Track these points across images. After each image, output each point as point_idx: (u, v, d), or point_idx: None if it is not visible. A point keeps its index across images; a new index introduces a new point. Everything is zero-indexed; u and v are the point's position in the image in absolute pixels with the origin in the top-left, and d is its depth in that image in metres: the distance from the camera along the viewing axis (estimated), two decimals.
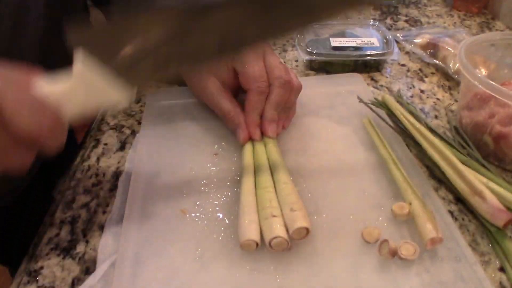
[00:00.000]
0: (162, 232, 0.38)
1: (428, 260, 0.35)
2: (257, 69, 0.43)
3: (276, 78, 0.44)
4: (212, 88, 0.46)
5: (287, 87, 0.45)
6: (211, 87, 0.47)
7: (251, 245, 0.34)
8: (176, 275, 0.34)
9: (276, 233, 0.33)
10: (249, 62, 0.43)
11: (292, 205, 0.36)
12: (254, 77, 0.43)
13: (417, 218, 0.36)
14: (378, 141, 0.46)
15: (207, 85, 0.47)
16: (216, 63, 0.43)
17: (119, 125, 0.53)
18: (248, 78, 0.44)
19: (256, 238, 0.34)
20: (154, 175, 0.44)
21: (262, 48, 0.44)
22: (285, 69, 0.45)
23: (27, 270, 0.36)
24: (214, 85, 0.46)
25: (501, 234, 0.37)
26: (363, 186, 0.42)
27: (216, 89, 0.46)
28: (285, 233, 0.34)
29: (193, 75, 0.50)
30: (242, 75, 0.44)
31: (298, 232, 0.34)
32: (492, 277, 0.35)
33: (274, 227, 0.34)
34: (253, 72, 0.43)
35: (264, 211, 0.36)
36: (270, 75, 0.44)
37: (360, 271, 0.34)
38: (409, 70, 0.64)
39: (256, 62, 0.43)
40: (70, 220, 0.41)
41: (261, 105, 0.44)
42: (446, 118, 0.53)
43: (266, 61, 0.44)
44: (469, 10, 0.83)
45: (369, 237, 0.36)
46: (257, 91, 0.43)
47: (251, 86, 0.43)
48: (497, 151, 0.45)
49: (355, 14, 0.83)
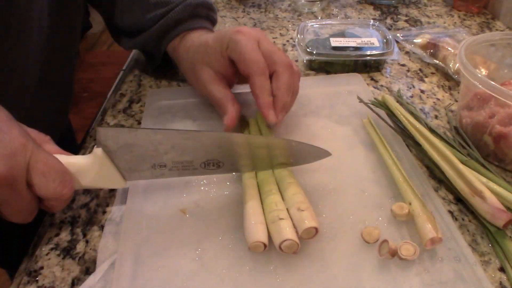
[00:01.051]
0: (162, 232, 0.38)
1: (428, 260, 0.35)
2: (254, 54, 0.43)
3: (279, 62, 0.43)
4: (206, 76, 0.47)
5: (291, 70, 0.44)
6: (204, 76, 0.47)
7: (259, 246, 0.34)
8: (176, 275, 0.34)
9: (286, 236, 0.33)
10: (245, 49, 0.42)
11: (299, 204, 0.35)
12: (252, 60, 0.42)
13: (417, 218, 0.36)
14: (378, 141, 0.46)
15: (201, 74, 0.47)
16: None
17: (119, 125, 0.53)
18: (247, 63, 0.43)
19: (264, 240, 0.34)
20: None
21: (256, 35, 0.44)
22: (283, 53, 0.45)
23: (27, 270, 0.36)
24: (208, 74, 0.47)
25: (501, 234, 0.37)
26: (363, 186, 0.42)
27: (209, 78, 0.46)
28: (295, 235, 0.34)
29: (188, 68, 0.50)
30: (240, 61, 0.43)
31: (307, 232, 0.34)
32: (492, 277, 0.35)
33: (283, 230, 0.34)
34: (250, 57, 0.42)
35: (271, 214, 0.35)
36: (269, 59, 0.43)
37: (360, 271, 0.34)
38: (409, 70, 0.64)
39: (252, 47, 0.43)
40: (70, 220, 0.41)
41: (268, 85, 0.43)
42: (446, 118, 0.53)
43: (262, 46, 0.44)
44: (469, 10, 0.83)
45: (369, 237, 0.36)
46: (258, 72, 0.43)
47: (251, 69, 0.43)
48: (497, 151, 0.45)
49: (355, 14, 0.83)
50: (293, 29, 0.77)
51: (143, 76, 0.63)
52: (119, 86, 0.61)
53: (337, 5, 0.88)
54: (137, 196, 0.41)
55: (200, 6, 0.53)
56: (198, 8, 0.53)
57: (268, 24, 0.79)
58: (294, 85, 0.46)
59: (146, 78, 0.62)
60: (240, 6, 0.88)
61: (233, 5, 0.88)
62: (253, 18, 0.82)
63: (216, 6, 0.55)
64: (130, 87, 0.60)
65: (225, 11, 0.86)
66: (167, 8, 0.52)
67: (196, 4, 0.52)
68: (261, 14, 0.84)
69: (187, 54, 0.51)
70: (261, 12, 0.85)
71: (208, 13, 0.55)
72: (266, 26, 0.78)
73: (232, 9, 0.87)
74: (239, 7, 0.87)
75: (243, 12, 0.85)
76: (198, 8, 0.53)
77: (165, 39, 0.53)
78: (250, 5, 0.88)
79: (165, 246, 0.37)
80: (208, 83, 0.47)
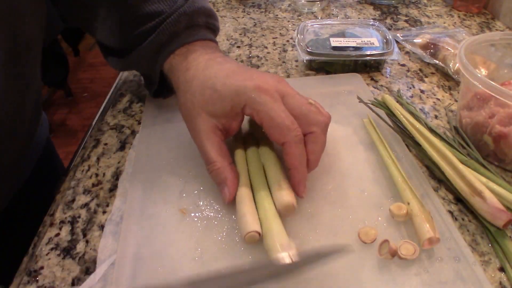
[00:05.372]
0: (162, 232, 0.38)
1: (427, 260, 0.35)
2: (285, 116, 0.36)
3: (316, 123, 0.38)
4: (203, 127, 0.39)
5: (326, 129, 0.39)
6: (202, 126, 0.39)
7: (254, 236, 0.34)
8: (176, 275, 0.34)
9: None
10: (274, 112, 0.36)
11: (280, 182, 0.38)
12: (287, 127, 0.36)
13: (415, 218, 0.36)
14: (378, 141, 0.46)
15: (198, 122, 0.39)
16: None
17: (119, 125, 0.53)
18: (279, 130, 0.36)
19: (258, 229, 0.34)
20: (154, 175, 0.44)
21: (279, 89, 0.38)
22: (316, 108, 0.39)
23: (27, 270, 0.36)
24: (206, 125, 0.39)
25: (501, 234, 0.37)
26: (363, 186, 0.42)
27: (207, 130, 0.39)
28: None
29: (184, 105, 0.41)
30: (271, 127, 0.37)
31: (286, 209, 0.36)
32: (492, 277, 0.35)
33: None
34: (283, 123, 0.36)
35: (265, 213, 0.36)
36: (304, 120, 0.37)
37: (360, 271, 0.34)
38: (409, 70, 0.64)
39: (281, 110, 0.36)
40: (70, 220, 0.41)
41: (305, 156, 0.37)
42: (446, 118, 0.53)
43: (290, 104, 0.37)
44: (469, 10, 0.83)
45: (365, 237, 0.36)
46: (295, 141, 0.36)
47: (286, 138, 0.36)
48: (497, 151, 0.45)
49: (355, 14, 0.83)
50: (293, 29, 0.77)
51: None
52: (119, 86, 0.61)
53: (337, 5, 0.88)
54: (137, 196, 0.41)
55: (196, 14, 0.45)
56: (195, 16, 0.45)
57: (268, 24, 0.79)
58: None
59: None
60: (240, 6, 0.88)
61: (233, 5, 0.88)
62: (253, 18, 0.82)
63: (216, 15, 0.49)
64: (130, 87, 0.60)
65: (225, 11, 0.86)
66: (158, 20, 0.44)
67: (192, 12, 0.44)
68: (261, 14, 0.84)
69: (186, 87, 0.41)
70: (261, 12, 0.85)
71: (207, 21, 0.46)
72: (266, 26, 0.78)
73: (232, 9, 0.87)
74: (239, 7, 0.87)
75: (243, 12, 0.85)
76: (195, 16, 0.45)
77: (160, 56, 0.45)
78: (250, 5, 0.88)
79: (165, 246, 0.37)
80: (204, 136, 0.39)
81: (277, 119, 0.36)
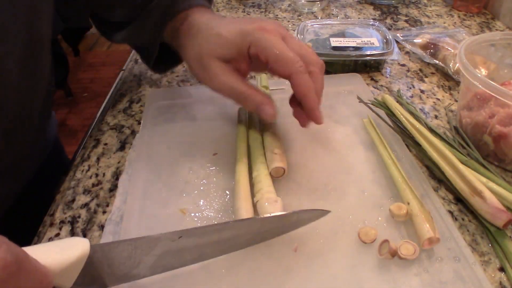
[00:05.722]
0: (162, 232, 0.38)
1: (427, 260, 0.35)
2: (290, 53, 0.39)
3: (314, 63, 0.40)
4: (217, 70, 0.41)
5: (323, 70, 0.42)
6: (215, 70, 0.41)
7: None
8: (176, 275, 0.34)
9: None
10: (278, 48, 0.39)
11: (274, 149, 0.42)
12: (291, 60, 0.39)
13: (415, 218, 0.36)
14: (378, 141, 0.46)
15: (211, 68, 0.41)
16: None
17: (119, 125, 0.53)
18: (285, 62, 0.39)
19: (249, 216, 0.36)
20: (154, 175, 0.44)
21: (280, 32, 0.41)
22: (313, 51, 0.42)
23: None
24: (219, 68, 0.41)
25: (501, 234, 0.37)
26: (363, 186, 0.42)
27: (221, 71, 0.41)
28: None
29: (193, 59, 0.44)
30: (277, 61, 0.39)
31: (276, 171, 0.41)
32: (492, 277, 0.35)
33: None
34: (287, 56, 0.39)
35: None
36: (303, 59, 0.40)
37: (360, 271, 0.34)
38: (409, 70, 0.64)
39: (284, 46, 0.39)
40: (70, 220, 0.41)
41: (312, 84, 0.40)
42: (446, 118, 0.53)
43: (290, 45, 0.40)
44: (469, 10, 0.83)
45: (365, 237, 0.36)
46: (301, 70, 0.39)
47: (292, 69, 0.39)
48: (497, 151, 0.45)
49: (355, 14, 0.83)
50: (293, 29, 0.77)
51: (143, 76, 0.63)
52: (119, 86, 0.61)
53: (337, 5, 0.88)
54: (137, 196, 0.41)
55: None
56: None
57: None
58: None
59: (146, 78, 0.62)
60: (240, 6, 0.88)
61: (233, 5, 0.88)
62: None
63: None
64: (130, 87, 0.60)
65: (225, 11, 0.86)
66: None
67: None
68: (261, 14, 0.84)
69: (191, 41, 0.44)
70: (261, 12, 0.85)
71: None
72: None
73: (232, 9, 0.87)
74: (239, 7, 0.87)
75: (243, 12, 0.85)
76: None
77: (162, 21, 0.47)
78: (250, 5, 0.88)
79: None
80: (224, 76, 0.41)
81: (282, 54, 0.39)
